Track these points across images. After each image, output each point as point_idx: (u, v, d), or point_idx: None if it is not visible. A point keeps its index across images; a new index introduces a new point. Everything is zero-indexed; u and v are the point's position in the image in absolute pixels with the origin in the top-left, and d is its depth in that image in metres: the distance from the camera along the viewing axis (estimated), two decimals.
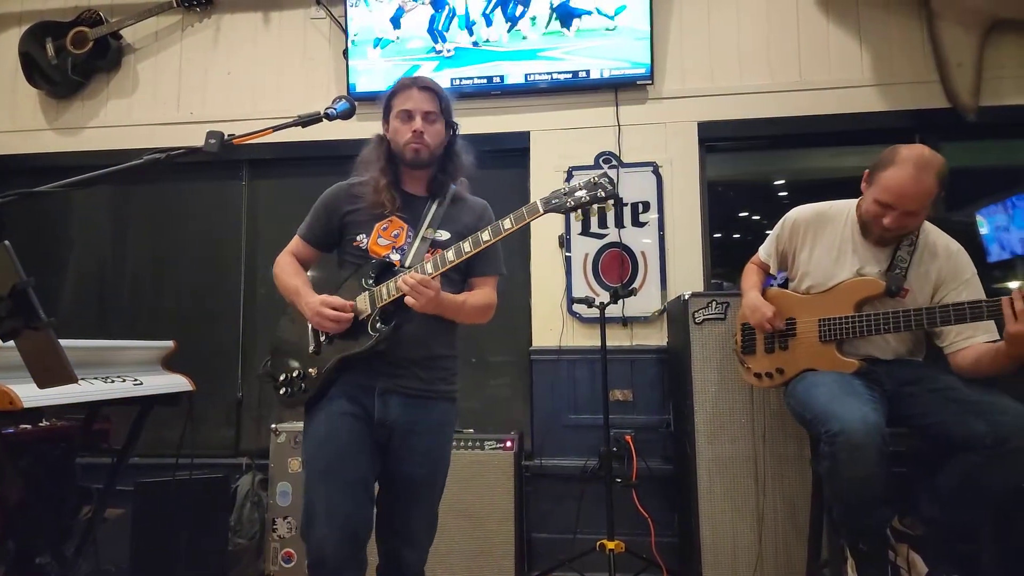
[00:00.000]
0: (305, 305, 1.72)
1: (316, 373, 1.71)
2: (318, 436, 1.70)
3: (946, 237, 2.07)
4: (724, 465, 2.57)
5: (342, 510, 1.61)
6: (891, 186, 1.90)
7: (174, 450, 2.59)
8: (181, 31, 3.76)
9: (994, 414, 1.74)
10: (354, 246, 1.78)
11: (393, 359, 1.70)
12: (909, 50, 3.23)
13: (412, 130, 1.73)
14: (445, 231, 1.78)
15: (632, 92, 3.36)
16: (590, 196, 1.59)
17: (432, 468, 1.75)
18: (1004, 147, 3.87)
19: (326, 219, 1.84)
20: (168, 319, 3.69)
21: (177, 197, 3.80)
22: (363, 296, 1.70)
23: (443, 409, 1.78)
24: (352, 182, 1.85)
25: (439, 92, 1.77)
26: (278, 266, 1.87)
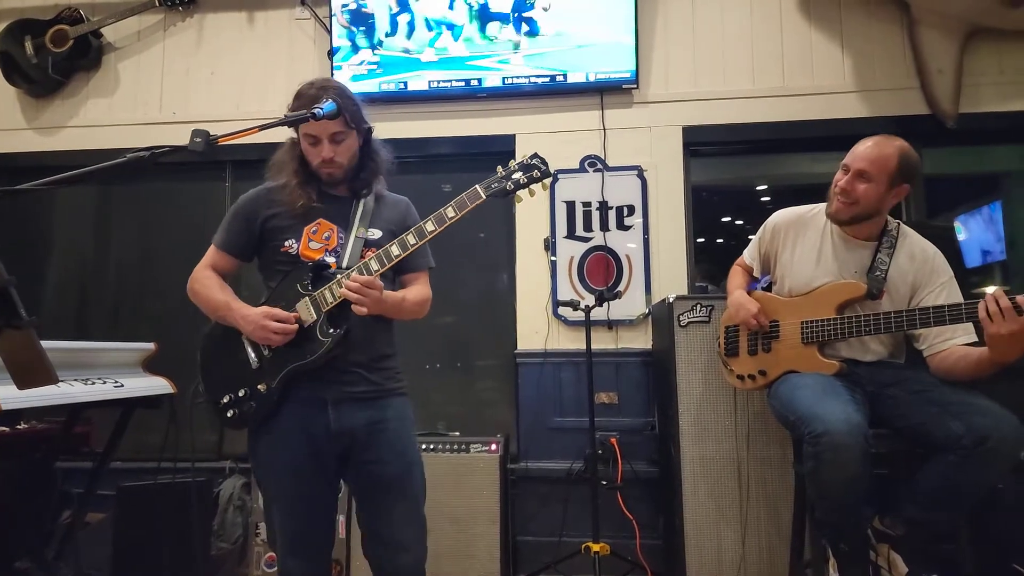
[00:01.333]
0: (242, 319, 1.64)
1: (266, 388, 1.64)
2: (275, 462, 1.66)
3: (924, 241, 2.10)
4: (708, 467, 2.58)
5: (305, 539, 1.65)
6: (852, 150, 2.02)
7: (156, 454, 2.56)
8: (163, 30, 3.72)
9: (972, 415, 1.76)
10: (283, 252, 1.72)
11: (341, 365, 1.67)
12: (890, 57, 3.28)
13: (322, 157, 1.70)
14: (376, 229, 1.76)
15: (617, 96, 3.38)
16: (527, 177, 1.64)
17: (402, 461, 1.71)
18: (983, 153, 3.95)
19: (246, 227, 1.77)
20: (150, 321, 3.65)
21: (160, 198, 3.76)
22: (304, 302, 1.65)
23: (398, 403, 1.77)
24: (269, 187, 1.79)
25: (343, 107, 1.65)
26: (197, 282, 1.77)
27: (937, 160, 3.49)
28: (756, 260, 2.33)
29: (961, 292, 2.02)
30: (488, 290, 3.56)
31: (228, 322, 1.69)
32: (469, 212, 1.63)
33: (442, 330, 3.44)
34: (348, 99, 1.70)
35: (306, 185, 1.72)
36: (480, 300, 3.56)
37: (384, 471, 1.69)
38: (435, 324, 3.31)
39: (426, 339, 3.43)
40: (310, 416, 1.64)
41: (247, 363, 1.67)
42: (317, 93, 1.65)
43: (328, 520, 1.70)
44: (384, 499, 1.69)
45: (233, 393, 1.67)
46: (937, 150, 3.39)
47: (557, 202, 3.37)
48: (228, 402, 1.68)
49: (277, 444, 1.65)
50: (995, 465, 1.76)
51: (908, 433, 1.93)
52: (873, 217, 2.04)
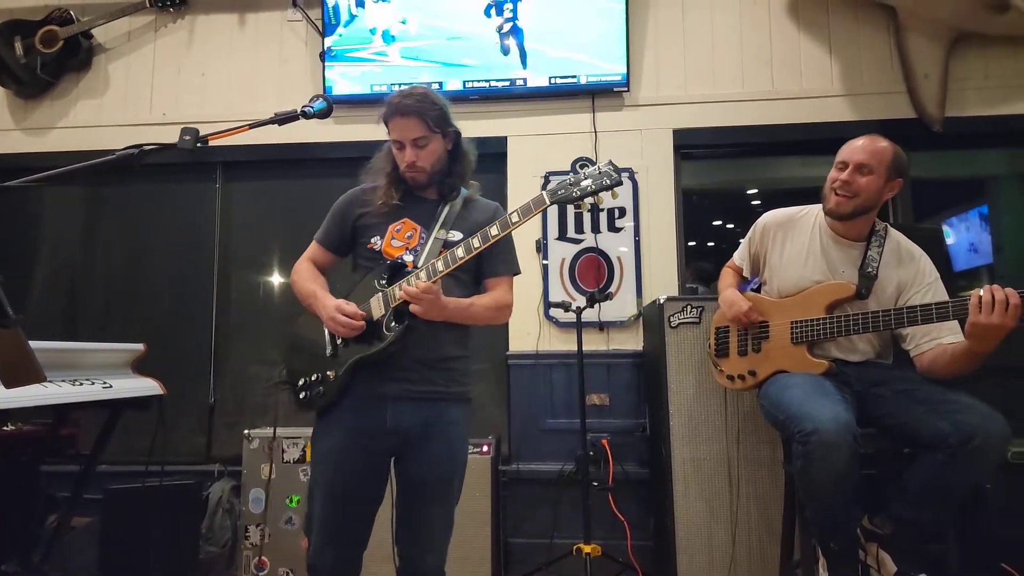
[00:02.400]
0: (322, 308, 1.73)
1: (334, 376, 1.72)
2: (324, 449, 1.73)
3: (910, 242, 2.13)
4: (699, 468, 2.59)
5: (341, 532, 1.69)
6: (846, 147, 2.06)
7: (144, 457, 2.54)
8: (154, 31, 3.71)
9: (958, 414, 1.78)
10: (368, 248, 1.80)
11: (405, 362, 1.70)
12: (878, 61, 3.32)
13: (406, 162, 1.76)
14: (457, 231, 1.78)
15: (609, 99, 3.40)
16: (596, 185, 1.62)
17: (447, 471, 1.75)
18: (969, 157, 3.99)
19: (340, 223, 1.87)
20: (139, 322, 3.63)
21: (150, 199, 3.74)
22: (377, 297, 1.71)
23: (456, 410, 1.78)
24: (364, 187, 1.89)
25: (422, 112, 1.73)
26: (296, 272, 1.89)
27: (924, 164, 3.52)
28: (746, 261, 2.35)
29: (948, 295, 2.04)
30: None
31: (313, 311, 1.78)
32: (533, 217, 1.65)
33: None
34: (431, 103, 1.75)
35: (393, 186, 1.80)
36: None
37: (428, 474, 1.72)
38: None
39: None
40: (367, 410, 1.69)
41: (323, 351, 1.76)
42: (399, 100, 1.74)
43: (367, 513, 1.73)
44: (423, 500, 1.72)
45: (307, 377, 1.77)
46: (924, 154, 3.42)
47: None
48: (303, 384, 1.78)
49: (331, 433, 1.72)
50: (981, 463, 1.77)
51: (896, 432, 1.95)
52: (869, 212, 2.07)
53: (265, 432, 3.00)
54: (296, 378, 1.80)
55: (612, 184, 1.63)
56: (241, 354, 3.58)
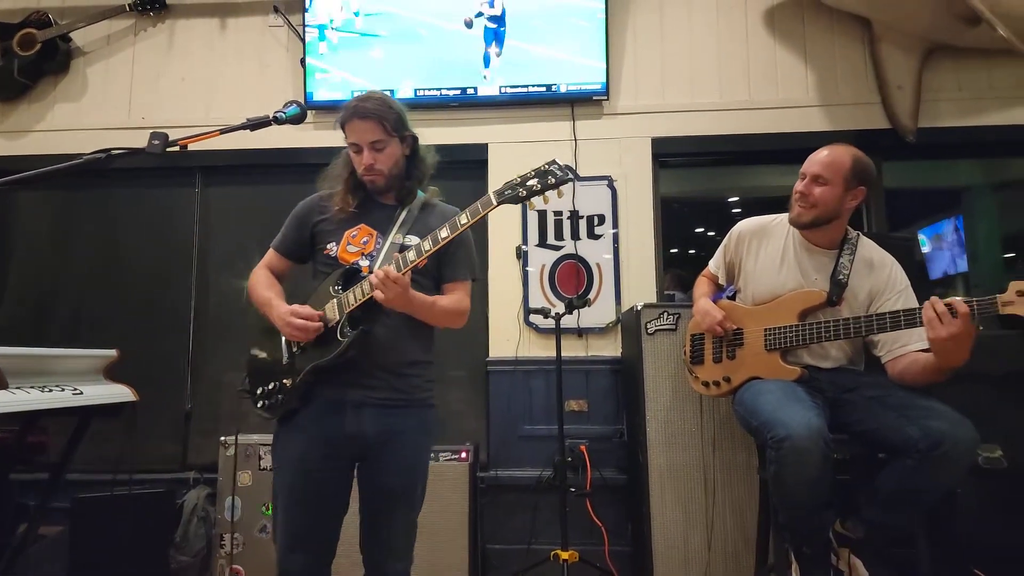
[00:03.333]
0: (276, 316, 1.72)
1: (291, 384, 1.71)
2: (286, 457, 1.72)
3: (881, 250, 2.16)
4: (675, 473, 2.60)
5: (306, 537, 1.68)
6: (808, 158, 2.10)
7: (118, 465, 2.50)
8: (134, 35, 3.69)
9: (927, 419, 1.80)
10: (324, 255, 1.79)
11: (365, 368, 1.69)
12: (852, 73, 3.38)
13: (364, 165, 1.76)
14: (414, 236, 1.77)
15: (588, 107, 3.43)
16: (541, 184, 1.61)
17: (409, 477, 1.75)
18: (943, 168, 4.06)
19: (298, 230, 1.87)
20: (114, 328, 3.57)
21: (128, 204, 3.70)
22: (332, 303, 1.70)
23: (420, 416, 1.78)
24: (321, 194, 1.88)
25: (381, 115, 1.73)
26: (252, 279, 1.88)
27: (899, 174, 3.58)
28: (721, 269, 2.38)
29: (919, 302, 2.07)
30: None
31: (269, 318, 1.78)
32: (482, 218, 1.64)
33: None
34: (388, 107, 1.76)
35: (352, 192, 1.80)
36: None
37: (391, 481, 1.72)
38: None
39: None
40: (327, 417, 1.69)
41: (280, 359, 1.76)
42: (356, 104, 1.74)
43: (332, 520, 1.72)
44: (386, 507, 1.72)
45: (265, 385, 1.77)
46: (898, 164, 3.48)
47: (529, 211, 3.39)
48: (260, 393, 1.78)
49: (292, 440, 1.72)
50: (950, 468, 1.79)
51: (867, 438, 1.97)
52: (833, 220, 2.09)
53: (242, 439, 2.97)
54: (256, 387, 1.80)
55: (558, 182, 1.59)
56: (219, 360, 3.54)
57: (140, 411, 2.52)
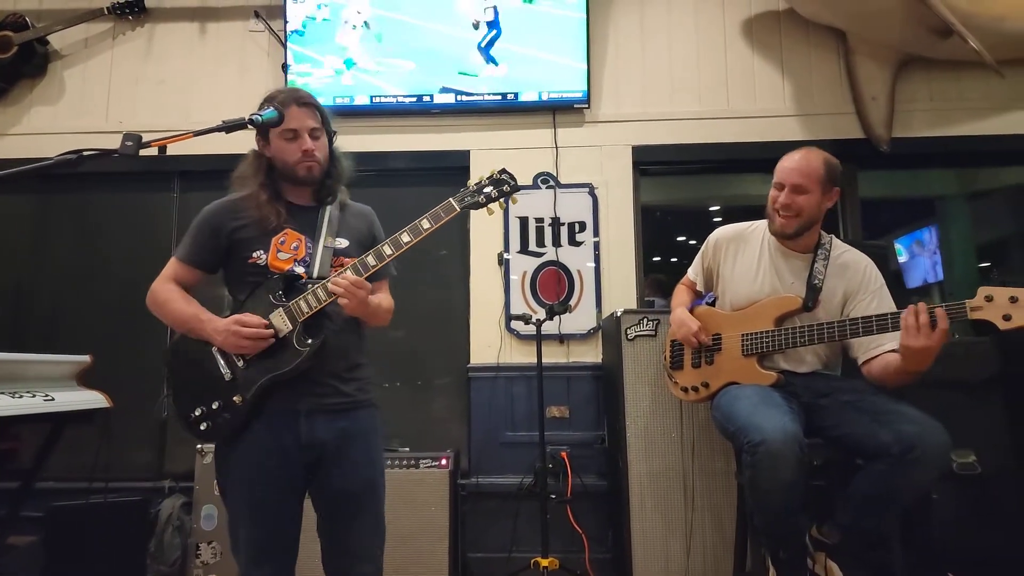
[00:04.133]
0: (213, 330, 1.62)
1: (241, 400, 1.62)
2: (242, 473, 1.64)
3: (855, 251, 2.20)
4: (655, 480, 2.61)
5: (269, 549, 1.63)
6: (780, 168, 2.12)
7: (91, 472, 2.46)
8: (112, 39, 3.66)
9: (900, 424, 1.83)
10: (251, 263, 1.69)
11: (316, 375, 1.66)
12: (828, 83, 3.43)
13: (302, 149, 1.70)
14: (343, 238, 1.76)
15: (570, 115, 3.45)
16: (497, 192, 1.71)
17: (369, 475, 1.73)
18: (918, 177, 4.14)
19: (212, 238, 1.73)
20: (92, 334, 3.52)
21: (106, 208, 3.66)
22: (277, 313, 1.64)
23: (368, 415, 1.77)
24: (233, 198, 1.76)
25: (318, 105, 1.74)
26: (160, 294, 1.71)
27: (874, 184, 3.64)
28: (700, 276, 2.40)
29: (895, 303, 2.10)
30: (442, 305, 3.55)
31: (197, 335, 1.66)
32: (443, 224, 1.67)
33: (395, 345, 3.41)
34: (318, 102, 1.76)
35: (275, 201, 1.72)
36: (433, 315, 3.54)
37: (351, 483, 1.69)
38: (388, 339, 3.28)
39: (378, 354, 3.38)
40: (281, 428, 1.64)
41: (220, 376, 1.65)
42: (293, 91, 1.73)
43: (293, 530, 1.68)
44: (349, 509, 1.69)
45: (206, 406, 1.65)
46: (873, 174, 3.54)
47: (511, 217, 3.40)
48: (200, 415, 1.65)
49: (246, 455, 1.64)
50: (923, 472, 1.81)
51: (841, 443, 1.99)
52: (813, 226, 2.13)
53: None
54: (190, 409, 1.66)
55: (512, 189, 1.72)
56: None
57: (116, 418, 2.49)
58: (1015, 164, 3.73)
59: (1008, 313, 1.69)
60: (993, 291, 1.70)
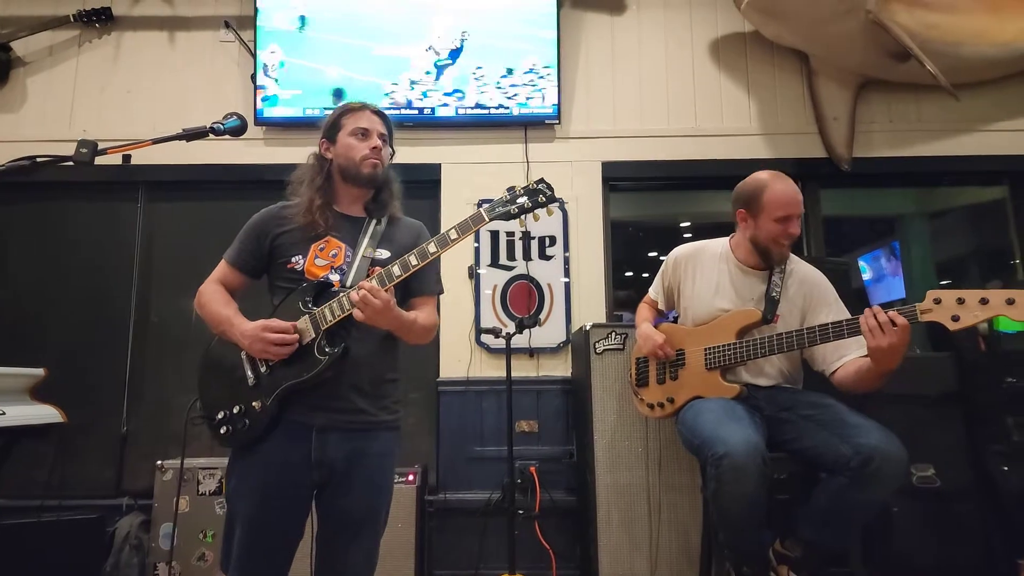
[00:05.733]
0: (240, 334, 1.62)
1: (260, 406, 1.61)
2: (247, 483, 1.62)
3: (808, 266, 2.26)
4: (621, 494, 2.61)
5: (266, 568, 1.60)
6: (783, 200, 2.12)
7: (44, 490, 2.38)
8: (78, 47, 3.60)
9: (859, 437, 1.86)
10: (288, 268, 1.70)
11: (336, 389, 1.62)
12: (791, 103, 3.52)
13: (371, 146, 1.74)
14: (385, 250, 1.73)
15: (541, 131, 3.48)
16: (532, 202, 1.63)
17: (373, 502, 1.68)
18: (878, 196, 4.24)
19: (256, 242, 1.75)
20: (48, 347, 3.42)
21: (67, 219, 3.58)
22: (304, 319, 1.62)
23: (385, 439, 1.71)
24: (282, 204, 1.79)
25: (388, 119, 1.82)
26: (204, 295, 1.75)
27: (837, 202, 3.73)
28: (660, 294, 2.44)
29: None
30: None
31: (228, 337, 1.67)
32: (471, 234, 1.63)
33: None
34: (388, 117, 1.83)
35: (325, 206, 1.72)
36: None
37: (354, 507, 1.64)
38: None
39: None
40: (291, 442, 1.61)
41: (244, 380, 1.65)
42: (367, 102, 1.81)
43: (288, 547, 1.63)
44: (347, 534, 1.65)
45: (228, 410, 1.65)
46: (835, 192, 3.63)
47: (482, 231, 3.39)
48: (222, 418, 1.65)
49: (253, 466, 1.62)
50: (881, 484, 1.85)
51: (803, 456, 2.02)
52: None
53: (179, 463, 2.86)
54: (214, 411, 1.67)
55: (548, 200, 1.63)
56: (160, 382, 3.43)
57: (72, 434, 2.43)
58: (971, 184, 3.86)
59: (956, 314, 1.75)
60: (941, 294, 1.77)
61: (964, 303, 1.74)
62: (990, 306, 1.73)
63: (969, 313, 1.74)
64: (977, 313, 1.74)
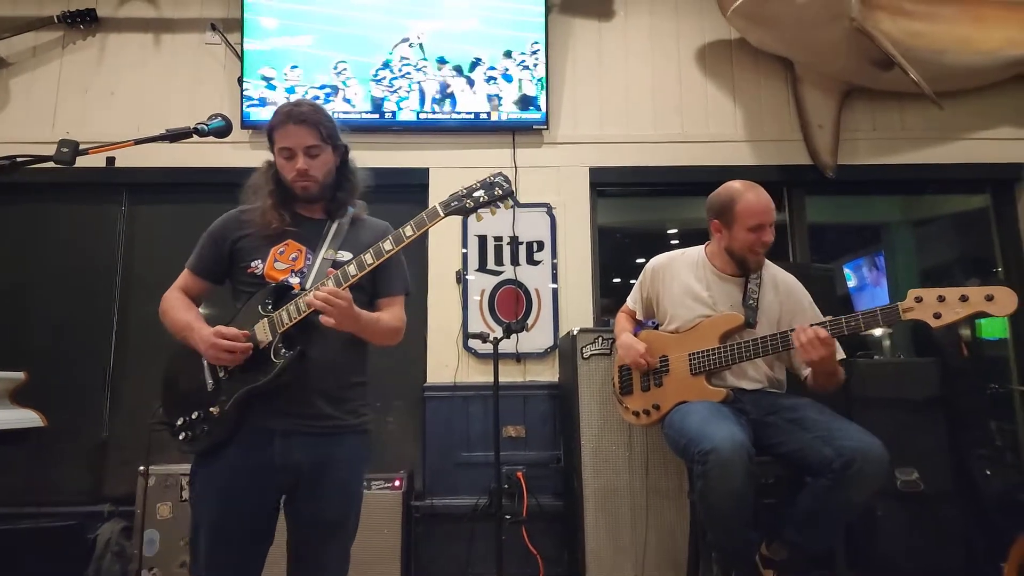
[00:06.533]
0: (199, 339, 1.60)
1: (219, 412, 1.59)
2: (210, 488, 1.60)
3: (782, 271, 2.30)
4: (609, 499, 2.61)
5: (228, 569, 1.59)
6: (756, 209, 2.14)
7: (24, 496, 2.35)
8: (62, 48, 3.57)
9: (841, 440, 1.88)
10: (248, 273, 1.68)
11: (298, 393, 1.61)
12: (777, 111, 3.55)
13: (296, 169, 1.67)
14: (346, 252, 1.70)
15: (528, 136, 3.49)
16: (488, 196, 1.60)
17: (343, 507, 1.66)
18: (862, 203, 4.29)
19: (215, 248, 1.74)
20: (28, 350, 3.37)
21: (49, 221, 3.53)
22: (262, 323, 1.61)
23: (353, 443, 1.69)
24: (242, 209, 1.77)
25: (318, 121, 1.69)
26: (166, 302, 1.74)
27: (822, 210, 3.77)
28: (639, 304, 2.46)
29: None
30: None
31: (190, 343, 1.65)
32: (427, 231, 1.60)
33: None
34: (324, 115, 1.71)
35: (281, 207, 1.69)
36: None
37: (324, 512, 1.63)
38: None
39: None
40: (254, 446, 1.59)
41: (204, 386, 1.64)
42: (290, 108, 1.69)
43: (259, 553, 1.62)
44: (316, 540, 1.64)
45: (187, 415, 1.64)
46: (821, 199, 3.66)
47: (469, 236, 3.40)
48: (182, 424, 1.64)
49: (217, 471, 1.60)
50: (863, 486, 1.87)
51: (788, 459, 2.03)
52: None
53: (163, 469, 2.83)
54: (174, 417, 1.66)
55: (505, 194, 1.61)
56: (142, 386, 3.38)
57: (53, 438, 2.39)
58: (954, 192, 3.91)
59: (938, 311, 1.79)
60: (922, 292, 1.81)
61: (945, 301, 1.78)
62: (970, 303, 1.76)
63: (950, 310, 1.78)
64: (958, 310, 1.77)
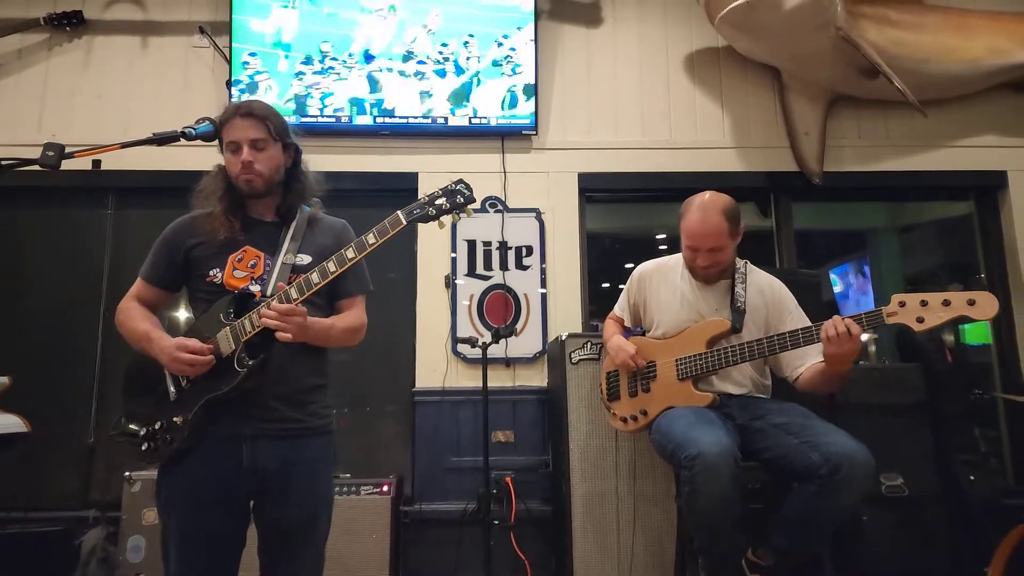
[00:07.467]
0: (160, 351, 1.59)
1: (182, 421, 1.58)
2: (178, 496, 1.59)
3: (768, 276, 2.32)
4: (596, 504, 2.61)
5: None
6: (688, 231, 2.19)
7: (7, 501, 2.32)
8: (48, 50, 3.54)
9: (827, 446, 1.89)
10: (207, 282, 1.67)
11: (261, 399, 1.61)
12: (764, 118, 3.59)
13: (240, 162, 1.65)
14: (305, 255, 1.70)
15: (518, 141, 3.50)
16: (450, 203, 1.61)
17: (312, 508, 1.66)
18: (848, 209, 4.33)
19: (168, 256, 1.72)
20: (12, 355, 3.33)
21: (34, 225, 3.51)
22: (224, 332, 1.60)
23: (318, 444, 1.70)
24: (194, 215, 1.74)
25: (266, 115, 1.68)
26: (122, 312, 1.71)
27: (809, 216, 3.80)
28: (626, 311, 2.47)
29: None
30: (387, 328, 3.50)
31: (148, 353, 1.63)
32: (391, 238, 1.60)
33: (339, 369, 3.33)
34: (273, 112, 1.71)
35: (232, 213, 1.67)
36: (379, 338, 3.48)
37: (293, 514, 1.63)
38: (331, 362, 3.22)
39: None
40: (221, 454, 1.58)
41: (166, 395, 1.62)
42: (240, 103, 1.68)
43: (230, 559, 1.61)
44: (286, 542, 1.64)
45: (150, 426, 1.61)
46: (807, 206, 3.70)
47: (459, 240, 3.40)
48: (145, 435, 1.62)
49: (184, 479, 1.59)
50: (850, 492, 1.87)
51: (774, 464, 2.04)
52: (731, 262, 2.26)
53: (150, 474, 2.80)
54: (138, 428, 1.63)
55: (466, 201, 1.62)
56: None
57: (38, 444, 2.36)
58: (938, 199, 3.95)
59: (921, 316, 1.82)
60: (905, 297, 1.84)
61: (928, 305, 1.80)
62: (952, 307, 1.79)
63: (933, 315, 1.81)
64: (941, 314, 1.80)
